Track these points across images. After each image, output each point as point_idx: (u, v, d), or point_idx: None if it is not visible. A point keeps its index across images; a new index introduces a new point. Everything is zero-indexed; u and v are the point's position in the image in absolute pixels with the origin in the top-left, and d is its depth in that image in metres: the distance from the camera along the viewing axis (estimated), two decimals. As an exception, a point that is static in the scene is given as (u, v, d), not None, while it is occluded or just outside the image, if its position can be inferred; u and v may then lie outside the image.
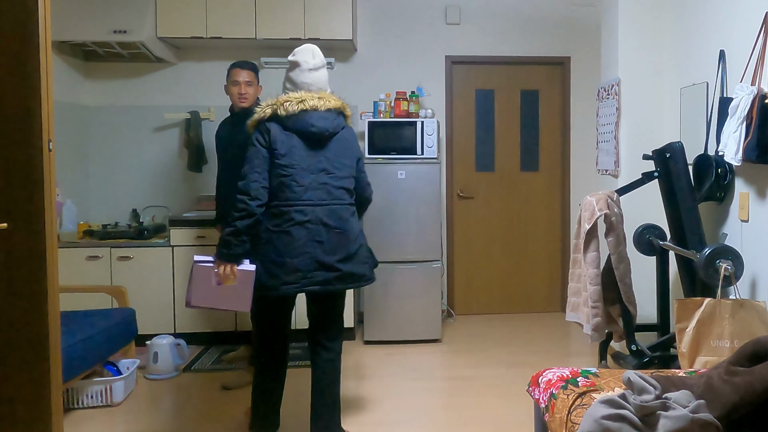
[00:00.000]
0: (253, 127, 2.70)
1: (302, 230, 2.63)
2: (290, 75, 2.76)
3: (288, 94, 2.69)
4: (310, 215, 2.66)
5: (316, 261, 2.65)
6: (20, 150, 2.25)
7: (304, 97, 2.67)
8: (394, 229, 4.37)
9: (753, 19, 2.86)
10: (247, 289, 2.59)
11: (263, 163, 2.62)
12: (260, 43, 4.63)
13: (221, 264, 2.58)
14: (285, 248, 2.61)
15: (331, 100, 2.73)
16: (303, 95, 2.68)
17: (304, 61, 2.72)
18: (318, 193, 2.68)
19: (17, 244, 2.25)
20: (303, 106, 2.65)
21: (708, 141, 3.22)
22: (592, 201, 3.15)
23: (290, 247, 2.62)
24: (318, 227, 2.66)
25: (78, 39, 4.26)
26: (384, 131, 4.46)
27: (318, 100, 2.68)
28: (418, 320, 4.40)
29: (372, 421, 3.15)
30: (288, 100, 2.66)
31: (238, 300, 2.61)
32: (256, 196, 2.57)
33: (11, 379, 2.25)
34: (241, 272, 2.58)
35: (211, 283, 2.59)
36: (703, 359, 2.64)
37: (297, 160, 2.66)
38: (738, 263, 2.74)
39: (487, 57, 5.07)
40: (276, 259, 2.61)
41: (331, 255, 2.68)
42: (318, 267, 2.66)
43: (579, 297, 3.24)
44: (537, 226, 5.23)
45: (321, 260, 2.66)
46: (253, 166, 2.61)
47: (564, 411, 2.00)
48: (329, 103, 2.72)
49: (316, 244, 2.65)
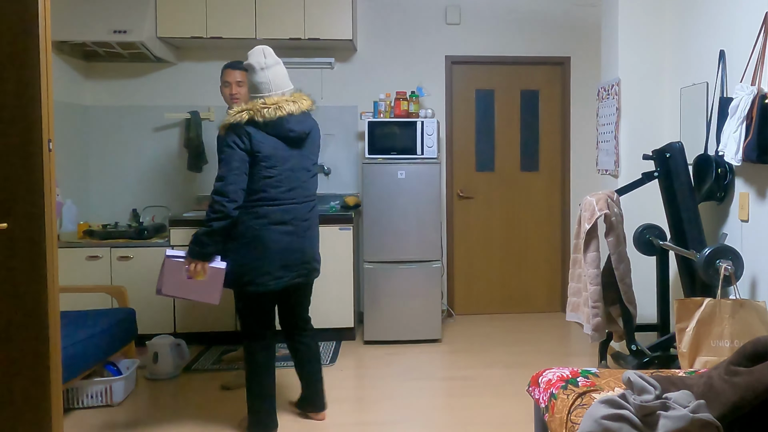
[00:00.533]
0: (225, 129, 2.75)
1: (288, 227, 2.79)
2: (249, 78, 2.83)
3: (263, 99, 2.76)
4: (293, 213, 2.82)
5: (301, 255, 2.86)
6: (20, 150, 2.25)
7: (279, 101, 2.75)
8: (394, 229, 4.38)
9: (753, 19, 2.86)
10: (217, 285, 2.72)
11: (242, 165, 2.69)
12: (260, 43, 4.60)
13: (192, 261, 2.67)
14: (273, 246, 2.75)
15: (303, 101, 2.86)
16: (278, 100, 2.76)
17: (257, 62, 2.79)
18: (299, 192, 2.85)
19: (17, 244, 2.25)
20: (281, 113, 2.73)
21: (708, 141, 3.22)
22: (592, 201, 3.15)
23: (279, 245, 2.76)
24: (301, 223, 2.84)
25: (78, 39, 4.26)
26: (384, 131, 4.46)
27: (293, 105, 2.79)
28: (418, 320, 4.40)
29: (372, 421, 3.15)
30: (265, 106, 2.72)
31: (207, 293, 2.73)
32: (234, 198, 2.66)
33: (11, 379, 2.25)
34: (211, 269, 2.70)
35: (182, 277, 2.69)
36: (703, 359, 2.64)
37: (280, 162, 2.78)
38: (738, 263, 2.74)
39: (487, 57, 5.07)
40: (265, 257, 2.74)
41: (311, 248, 2.93)
42: (303, 260, 2.88)
43: (579, 297, 3.24)
44: (537, 226, 5.23)
45: (305, 253, 2.88)
46: (230, 169, 2.67)
47: (564, 411, 2.00)
48: (303, 105, 2.84)
49: (300, 240, 2.84)
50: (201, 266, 2.68)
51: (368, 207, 4.36)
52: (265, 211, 2.75)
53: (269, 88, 2.79)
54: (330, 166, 4.93)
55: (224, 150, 2.70)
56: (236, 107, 2.76)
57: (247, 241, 2.74)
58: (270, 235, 2.75)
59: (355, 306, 4.46)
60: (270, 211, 2.76)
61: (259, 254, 2.74)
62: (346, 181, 4.97)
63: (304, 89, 4.91)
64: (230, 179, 2.65)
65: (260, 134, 2.72)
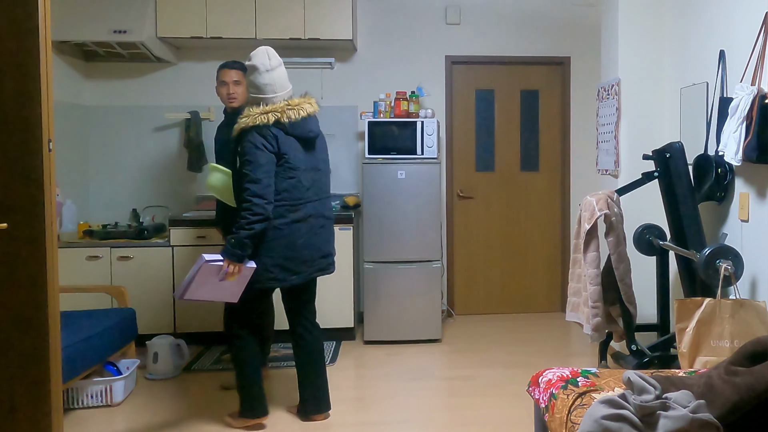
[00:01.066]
0: (246, 130, 2.79)
1: (306, 225, 2.91)
2: (251, 79, 2.86)
3: (287, 101, 2.85)
4: (311, 210, 2.92)
5: (318, 251, 2.97)
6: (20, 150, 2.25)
7: (300, 103, 2.87)
8: (394, 229, 4.37)
9: (753, 19, 2.86)
10: (243, 284, 2.82)
11: (271, 167, 2.78)
12: (260, 43, 4.60)
13: (231, 263, 2.72)
14: (295, 243, 2.87)
15: (314, 103, 2.96)
16: (298, 102, 2.87)
17: (261, 64, 2.83)
18: (314, 190, 2.96)
19: (17, 244, 2.25)
20: (303, 114, 2.85)
21: (708, 141, 3.22)
22: (592, 201, 3.15)
23: (299, 242, 2.87)
24: (317, 220, 2.95)
25: (78, 39, 4.26)
26: (384, 131, 4.46)
27: (310, 106, 2.91)
28: (418, 320, 4.40)
29: (372, 421, 3.15)
30: (290, 107, 2.82)
31: (232, 294, 2.83)
32: (270, 200, 2.76)
33: (11, 379, 2.26)
34: (245, 269, 2.78)
35: (215, 280, 2.75)
36: (703, 359, 2.64)
37: (300, 162, 2.89)
38: (738, 263, 2.74)
39: (487, 57, 5.07)
40: (288, 254, 2.85)
41: (326, 244, 3.03)
42: (319, 256, 2.98)
43: (579, 297, 3.24)
44: (537, 226, 5.23)
45: (321, 249, 2.99)
46: (264, 170, 2.75)
47: (564, 411, 2.00)
48: (315, 106, 2.96)
49: (316, 236, 2.94)
50: (239, 268, 2.73)
51: (368, 207, 4.36)
52: (288, 210, 2.85)
53: (274, 90, 2.85)
54: (330, 166, 4.92)
55: (251, 152, 2.75)
56: (255, 108, 2.80)
57: (271, 239, 2.82)
58: (293, 233, 2.85)
59: (355, 306, 4.46)
60: (292, 210, 2.86)
61: (283, 251, 2.84)
62: (346, 181, 4.97)
63: (304, 89, 4.95)
64: (265, 181, 2.74)
65: (283, 136, 2.81)
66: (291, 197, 2.85)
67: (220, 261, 2.72)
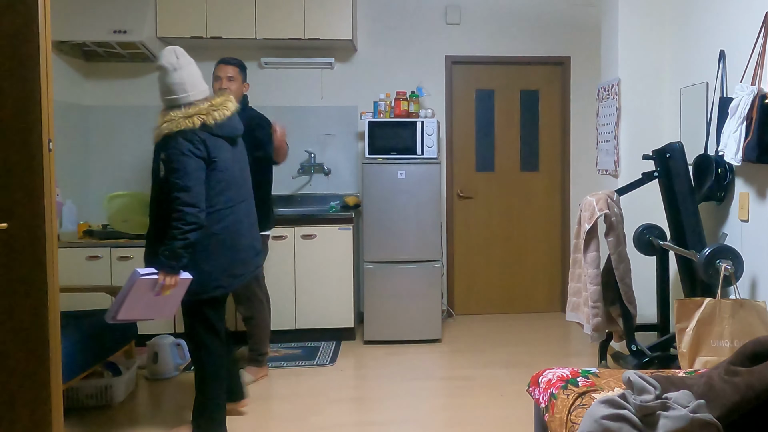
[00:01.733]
0: (170, 137, 2.62)
1: (240, 226, 2.83)
2: (161, 81, 2.72)
3: (208, 103, 2.70)
4: (242, 210, 2.86)
5: (253, 249, 2.93)
6: (20, 150, 2.25)
7: (223, 102, 2.74)
8: (394, 229, 4.37)
9: (753, 19, 2.86)
10: (179, 297, 2.69)
11: (201, 173, 2.64)
12: (260, 43, 4.63)
13: (167, 275, 2.58)
14: (237, 245, 2.80)
15: (233, 100, 2.85)
16: (221, 101, 2.74)
17: (168, 63, 2.70)
18: (243, 190, 2.90)
19: (17, 244, 2.25)
20: (228, 112, 2.73)
21: (708, 141, 3.22)
22: (592, 201, 3.15)
23: (237, 244, 2.80)
24: (247, 219, 2.91)
25: (78, 39, 4.26)
26: (384, 131, 4.46)
27: (232, 104, 2.80)
28: (418, 320, 4.40)
29: (372, 421, 3.15)
30: (213, 107, 2.69)
31: (168, 308, 2.71)
32: (203, 207, 2.63)
33: (11, 379, 2.25)
34: (181, 281, 2.63)
35: (150, 295, 2.60)
36: (703, 359, 2.64)
37: (229, 164, 2.78)
38: (738, 263, 2.74)
39: (487, 57, 5.07)
40: (232, 258, 2.79)
41: (257, 240, 2.99)
42: (254, 253, 2.95)
43: (579, 297, 3.24)
44: (537, 226, 5.23)
45: (254, 247, 2.95)
46: (194, 178, 2.60)
47: (564, 411, 2.00)
48: (236, 104, 2.85)
49: (249, 235, 2.90)
50: (175, 280, 2.59)
51: (368, 207, 4.36)
52: (221, 214, 2.73)
53: (185, 89, 2.68)
54: (330, 166, 4.93)
55: (178, 159, 2.58)
56: (176, 112, 2.64)
57: (212, 246, 2.71)
58: (233, 236, 2.78)
59: (355, 306, 4.46)
60: (226, 214, 2.75)
61: (227, 256, 2.76)
62: (346, 181, 4.97)
63: (304, 89, 4.97)
64: (195, 189, 2.59)
65: (212, 138, 2.68)
66: (226, 200, 2.74)
67: (155, 274, 2.56)
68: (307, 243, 4.33)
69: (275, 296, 4.25)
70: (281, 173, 4.81)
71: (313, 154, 4.88)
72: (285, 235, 4.31)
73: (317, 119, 4.94)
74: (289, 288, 4.33)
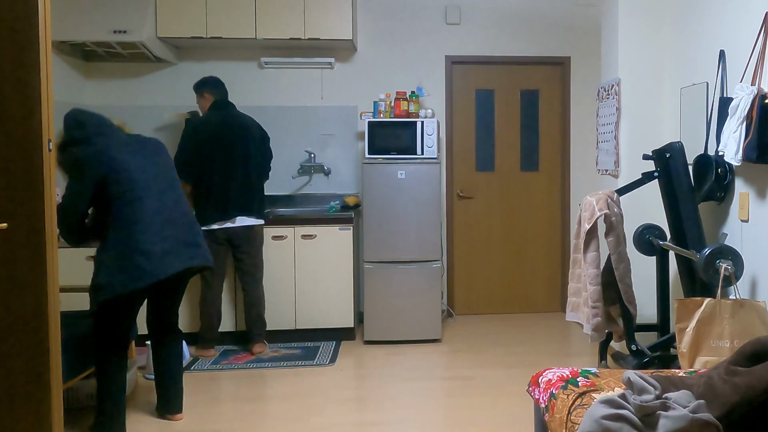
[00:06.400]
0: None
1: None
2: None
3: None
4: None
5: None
6: (20, 150, 2.25)
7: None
8: (394, 229, 4.37)
9: (753, 19, 2.86)
10: None
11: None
12: (260, 43, 4.63)
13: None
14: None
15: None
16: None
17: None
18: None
19: (17, 244, 2.25)
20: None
21: (708, 141, 3.22)
22: (592, 201, 3.15)
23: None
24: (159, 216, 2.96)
25: (78, 39, 4.26)
26: (384, 131, 4.46)
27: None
28: (418, 320, 4.40)
29: (372, 421, 3.15)
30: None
31: None
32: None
33: (11, 379, 2.25)
34: None
35: None
36: (703, 359, 2.64)
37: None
38: (738, 263, 2.74)
39: (487, 57, 5.07)
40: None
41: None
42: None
43: (579, 297, 3.24)
44: (537, 226, 5.23)
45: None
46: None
47: (564, 411, 2.00)
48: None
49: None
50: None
51: (368, 207, 4.36)
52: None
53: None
54: (330, 166, 4.93)
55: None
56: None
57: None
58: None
59: (355, 306, 4.46)
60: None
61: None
62: (346, 181, 4.97)
63: (304, 89, 4.97)
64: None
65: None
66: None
67: None
68: (307, 243, 4.33)
69: (275, 296, 4.26)
70: (281, 173, 4.81)
71: (313, 154, 4.88)
72: (285, 235, 4.31)
73: (317, 119, 4.94)
74: (289, 288, 4.33)
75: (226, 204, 3.97)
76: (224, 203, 3.97)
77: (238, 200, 4.01)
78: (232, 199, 3.99)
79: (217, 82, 4.18)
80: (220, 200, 3.96)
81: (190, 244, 2.91)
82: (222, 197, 3.96)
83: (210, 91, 4.14)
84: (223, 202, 3.97)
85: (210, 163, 3.94)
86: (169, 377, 3.12)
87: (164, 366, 3.12)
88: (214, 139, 3.97)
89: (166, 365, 3.12)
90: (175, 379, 3.14)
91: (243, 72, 4.86)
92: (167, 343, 3.11)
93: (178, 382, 3.15)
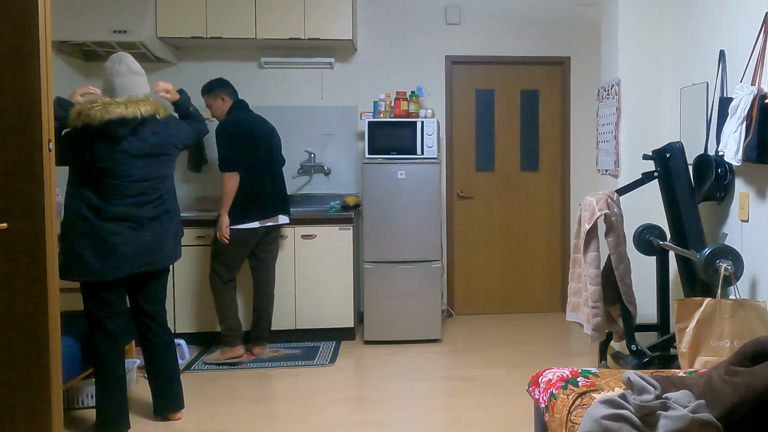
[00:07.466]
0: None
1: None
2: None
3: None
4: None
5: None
6: (20, 150, 2.25)
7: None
8: (394, 229, 4.37)
9: (753, 19, 2.86)
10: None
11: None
12: (260, 43, 4.63)
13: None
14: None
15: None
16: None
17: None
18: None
19: (17, 244, 2.25)
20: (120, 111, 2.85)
21: (708, 141, 3.22)
22: (592, 201, 3.15)
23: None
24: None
25: (78, 39, 4.26)
26: (384, 131, 4.46)
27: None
28: (418, 320, 4.40)
29: (372, 421, 3.15)
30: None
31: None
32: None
33: (11, 379, 2.26)
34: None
35: None
36: (703, 359, 2.64)
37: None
38: (738, 263, 2.74)
39: (487, 57, 5.07)
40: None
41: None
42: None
43: (579, 297, 3.24)
44: (537, 226, 5.23)
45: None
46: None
47: (564, 411, 2.00)
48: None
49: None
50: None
51: (368, 207, 4.36)
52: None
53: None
54: (330, 166, 4.94)
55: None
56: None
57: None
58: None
59: (355, 306, 4.46)
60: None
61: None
62: (346, 181, 4.97)
63: (304, 89, 4.97)
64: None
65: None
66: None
67: None
68: (307, 243, 4.33)
69: (276, 296, 4.25)
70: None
71: (313, 154, 4.88)
72: (285, 235, 4.31)
73: (317, 119, 4.94)
74: (289, 288, 4.33)
75: (268, 202, 4.00)
76: (267, 202, 4.00)
77: (281, 199, 4.09)
78: (275, 197, 4.04)
79: (228, 83, 4.15)
80: (263, 199, 3.98)
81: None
82: (264, 196, 3.98)
83: (227, 93, 4.09)
84: (265, 201, 3.99)
85: (253, 162, 3.93)
86: (165, 374, 3.11)
87: (156, 365, 3.10)
88: (253, 139, 3.98)
89: (157, 363, 3.10)
90: (171, 378, 3.12)
91: (243, 72, 4.85)
92: (150, 338, 3.10)
93: (176, 378, 3.15)
